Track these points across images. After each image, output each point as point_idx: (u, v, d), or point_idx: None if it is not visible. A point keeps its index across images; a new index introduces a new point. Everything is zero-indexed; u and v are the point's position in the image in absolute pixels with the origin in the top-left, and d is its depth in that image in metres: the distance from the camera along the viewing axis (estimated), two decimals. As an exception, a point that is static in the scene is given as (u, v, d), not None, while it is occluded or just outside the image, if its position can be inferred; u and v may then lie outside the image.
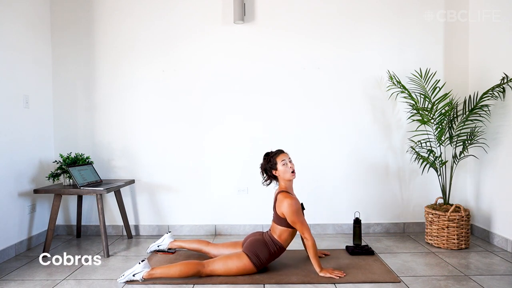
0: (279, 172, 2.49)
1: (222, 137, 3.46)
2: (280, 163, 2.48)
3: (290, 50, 3.42)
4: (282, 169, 2.47)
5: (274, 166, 2.49)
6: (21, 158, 3.04)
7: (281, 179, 2.51)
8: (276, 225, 2.48)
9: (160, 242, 2.89)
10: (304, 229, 2.39)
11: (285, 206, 2.38)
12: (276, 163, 2.49)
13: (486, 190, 3.19)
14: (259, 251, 2.41)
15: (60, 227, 3.51)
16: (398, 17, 3.41)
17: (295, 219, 2.38)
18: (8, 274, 2.54)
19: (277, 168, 2.49)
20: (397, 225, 3.48)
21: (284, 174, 2.48)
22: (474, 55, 3.35)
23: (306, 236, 2.38)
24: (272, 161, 2.50)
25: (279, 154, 2.52)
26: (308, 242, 2.38)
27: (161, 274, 2.33)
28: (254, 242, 2.46)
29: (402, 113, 3.42)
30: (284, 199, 2.40)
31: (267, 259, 2.44)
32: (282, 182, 2.51)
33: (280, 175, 2.49)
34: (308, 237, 2.38)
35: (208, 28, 3.43)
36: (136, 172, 3.47)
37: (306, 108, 3.44)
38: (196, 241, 2.78)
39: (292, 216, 2.38)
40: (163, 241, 2.89)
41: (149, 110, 3.46)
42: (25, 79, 3.11)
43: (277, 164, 2.48)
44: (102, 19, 3.45)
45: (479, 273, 2.45)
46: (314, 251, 2.38)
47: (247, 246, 2.46)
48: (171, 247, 2.86)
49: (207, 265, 2.37)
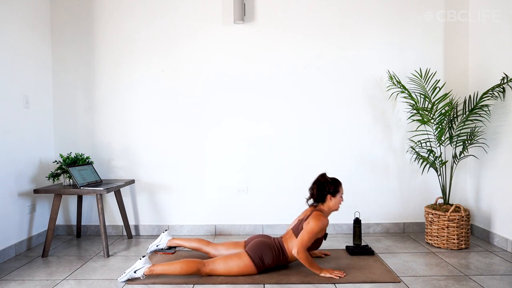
0: (333, 200, 2.53)
1: (222, 137, 3.46)
2: (339, 194, 2.54)
3: (290, 50, 3.42)
4: (338, 200, 2.54)
5: (334, 193, 2.52)
6: (21, 158, 3.04)
7: (328, 206, 2.54)
8: (293, 236, 2.48)
9: (158, 241, 2.88)
10: (300, 245, 2.36)
11: (314, 222, 2.39)
12: (338, 191, 2.54)
13: (486, 190, 3.19)
14: (263, 253, 2.41)
15: (60, 227, 3.52)
16: (398, 17, 3.41)
17: (306, 234, 2.38)
18: (8, 274, 2.54)
19: (335, 196, 2.53)
20: (397, 225, 3.48)
21: (335, 205, 2.54)
22: (474, 55, 3.35)
23: (299, 249, 2.34)
24: (336, 188, 2.53)
25: (341, 185, 2.57)
26: (299, 255, 2.35)
27: (162, 271, 2.34)
28: (261, 243, 2.45)
29: (402, 113, 3.42)
30: (320, 217, 2.42)
31: (269, 264, 2.44)
32: (326, 208, 2.55)
33: (331, 203, 2.53)
34: (300, 251, 2.34)
35: (208, 28, 3.43)
36: (136, 172, 3.47)
37: (306, 108, 3.44)
38: (196, 240, 2.75)
39: (308, 231, 2.38)
40: (161, 240, 2.87)
41: (149, 110, 3.46)
42: (25, 79, 3.11)
43: (338, 193, 2.53)
44: (102, 19, 3.45)
45: (479, 273, 2.45)
46: (308, 262, 2.37)
47: (251, 246, 2.45)
48: (170, 245, 2.84)
49: (208, 264, 2.38)
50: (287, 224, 3.39)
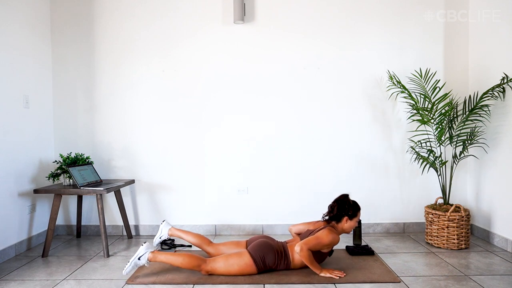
0: (348, 223, 2.55)
1: (222, 137, 3.46)
2: (356, 218, 2.56)
3: (290, 50, 3.42)
4: (352, 224, 2.56)
5: (352, 217, 2.54)
6: (21, 158, 3.04)
7: (342, 227, 2.56)
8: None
9: (159, 233, 2.85)
10: (305, 243, 2.36)
11: (326, 233, 2.40)
12: (356, 216, 2.56)
13: (486, 190, 3.19)
14: (265, 254, 2.41)
15: (60, 227, 3.52)
16: (398, 17, 3.41)
17: (314, 238, 2.38)
18: (8, 274, 2.54)
19: (352, 220, 2.55)
20: (397, 225, 3.48)
21: (349, 228, 2.56)
22: (474, 55, 3.35)
23: (302, 247, 2.35)
24: (355, 212, 2.55)
25: (359, 211, 2.59)
26: (302, 252, 2.35)
27: (165, 259, 2.38)
28: (264, 244, 2.45)
29: (402, 113, 3.42)
30: (332, 232, 2.43)
31: (270, 265, 2.44)
32: (340, 228, 2.56)
33: (345, 225, 2.55)
34: (303, 249, 2.35)
35: (208, 28, 3.43)
36: (136, 172, 3.47)
37: (306, 108, 3.44)
38: (196, 235, 2.73)
39: (317, 237, 2.39)
40: (162, 231, 2.85)
41: (149, 110, 3.46)
42: (25, 79, 3.11)
43: (355, 217, 2.56)
44: (102, 19, 3.45)
45: (479, 273, 2.45)
46: (309, 260, 2.37)
47: (254, 246, 2.45)
48: (171, 234, 2.81)
49: (209, 262, 2.39)
50: (287, 224, 3.40)
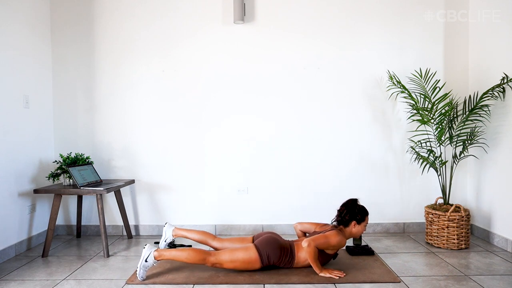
0: (356, 228, 2.57)
1: (222, 137, 3.46)
2: (364, 223, 2.58)
3: (290, 50, 3.42)
4: (360, 229, 2.58)
5: (360, 221, 2.56)
6: (21, 158, 3.04)
7: (350, 231, 2.58)
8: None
9: (164, 237, 2.84)
10: (313, 240, 2.39)
11: (334, 234, 2.43)
12: (364, 220, 2.57)
13: (486, 190, 3.19)
14: (272, 249, 2.43)
15: (60, 227, 3.51)
16: (398, 17, 3.41)
17: (323, 237, 2.41)
18: (8, 274, 2.54)
19: (360, 224, 2.56)
20: (397, 225, 3.48)
21: (357, 233, 2.59)
22: (474, 55, 3.35)
23: (310, 242, 2.38)
24: (363, 217, 2.57)
25: (368, 215, 2.60)
26: (309, 248, 2.38)
27: (169, 256, 2.40)
28: (271, 240, 2.47)
29: (402, 113, 3.42)
30: (340, 234, 2.46)
31: (275, 261, 2.45)
32: (347, 232, 2.58)
33: (353, 229, 2.57)
34: (311, 245, 2.38)
35: (208, 28, 3.43)
36: (136, 172, 3.47)
37: (306, 108, 3.44)
38: (201, 232, 2.75)
39: (326, 236, 2.42)
40: (166, 234, 2.84)
41: (149, 110, 3.46)
42: (25, 79, 3.11)
43: (363, 221, 2.57)
44: (102, 19, 3.45)
45: (479, 273, 2.45)
46: (313, 257, 2.39)
47: (261, 241, 2.47)
48: (175, 235, 2.81)
49: (214, 254, 2.41)
50: (287, 224, 3.40)
